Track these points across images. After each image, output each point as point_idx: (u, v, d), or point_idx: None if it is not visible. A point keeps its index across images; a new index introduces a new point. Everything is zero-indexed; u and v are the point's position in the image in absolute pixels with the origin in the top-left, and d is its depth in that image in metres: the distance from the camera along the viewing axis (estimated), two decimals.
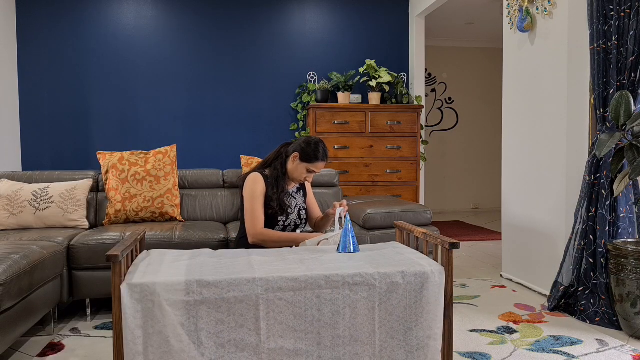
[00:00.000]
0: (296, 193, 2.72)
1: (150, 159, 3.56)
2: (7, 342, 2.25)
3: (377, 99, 5.57)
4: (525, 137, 3.73)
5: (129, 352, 1.59)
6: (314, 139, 2.62)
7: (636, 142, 2.80)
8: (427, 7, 5.46)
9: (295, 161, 2.61)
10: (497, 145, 8.25)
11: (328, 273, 1.70)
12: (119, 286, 1.59)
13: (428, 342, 1.75)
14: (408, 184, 5.50)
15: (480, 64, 8.24)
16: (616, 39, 2.95)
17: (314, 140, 2.61)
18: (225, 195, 3.88)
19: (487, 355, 2.48)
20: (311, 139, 2.62)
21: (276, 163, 2.67)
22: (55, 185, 3.43)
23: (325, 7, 5.89)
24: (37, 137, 5.41)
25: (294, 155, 2.62)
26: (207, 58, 5.68)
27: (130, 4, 5.54)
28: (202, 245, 3.04)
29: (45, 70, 5.40)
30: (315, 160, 2.58)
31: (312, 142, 2.60)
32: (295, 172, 2.62)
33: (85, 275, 3.01)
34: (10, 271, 2.26)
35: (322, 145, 2.61)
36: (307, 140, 2.61)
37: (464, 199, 8.36)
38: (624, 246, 2.75)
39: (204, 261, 1.88)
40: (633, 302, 2.69)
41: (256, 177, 2.59)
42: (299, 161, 2.60)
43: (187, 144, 5.67)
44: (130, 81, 5.55)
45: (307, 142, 2.61)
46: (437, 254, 1.87)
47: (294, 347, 1.68)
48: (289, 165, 2.64)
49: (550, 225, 3.45)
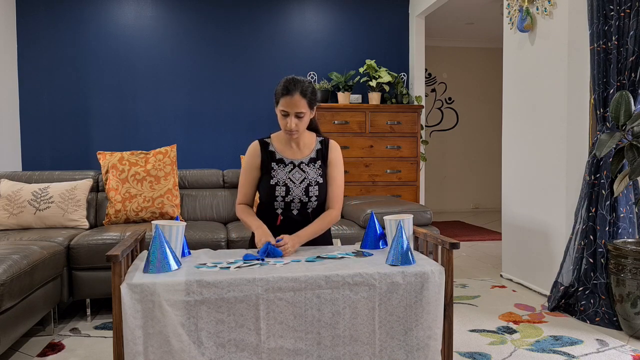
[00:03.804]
0: (309, 164, 2.26)
1: (150, 159, 3.56)
2: (7, 342, 2.25)
3: (377, 99, 5.57)
4: (525, 137, 3.73)
5: (129, 352, 1.59)
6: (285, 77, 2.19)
7: (636, 142, 2.80)
8: (427, 7, 5.46)
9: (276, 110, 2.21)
10: (497, 145, 8.25)
11: (328, 273, 1.70)
12: (119, 286, 1.59)
13: (428, 342, 1.75)
14: (408, 184, 5.50)
15: (480, 64, 8.24)
16: (616, 39, 2.95)
17: (284, 78, 2.17)
18: (225, 195, 3.88)
19: (487, 355, 2.48)
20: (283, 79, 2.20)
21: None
22: (55, 185, 3.43)
23: (325, 7, 5.89)
24: (37, 137, 5.41)
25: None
26: (207, 58, 5.68)
27: (130, 4, 5.54)
28: (202, 245, 3.04)
29: (45, 70, 5.40)
30: (281, 96, 2.14)
31: (282, 80, 2.17)
32: (280, 123, 2.19)
33: (85, 275, 3.01)
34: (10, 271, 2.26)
35: (289, 78, 2.15)
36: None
37: (464, 199, 8.36)
38: (624, 246, 2.75)
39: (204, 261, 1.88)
40: (633, 302, 2.69)
41: (252, 147, 2.29)
42: (276, 109, 2.19)
43: (187, 144, 5.67)
44: (130, 81, 5.55)
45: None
46: (437, 254, 1.87)
47: (294, 346, 1.68)
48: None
49: (550, 225, 3.45)
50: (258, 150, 2.27)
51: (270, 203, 2.25)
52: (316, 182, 2.25)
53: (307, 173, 2.25)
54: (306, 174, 2.24)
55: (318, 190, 2.24)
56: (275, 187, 2.22)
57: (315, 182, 2.24)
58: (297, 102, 2.12)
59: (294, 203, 2.23)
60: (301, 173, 2.24)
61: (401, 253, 1.81)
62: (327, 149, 2.31)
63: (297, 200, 2.23)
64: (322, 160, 2.29)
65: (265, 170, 2.25)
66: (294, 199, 2.23)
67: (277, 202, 2.23)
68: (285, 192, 2.22)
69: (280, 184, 2.22)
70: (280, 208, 2.24)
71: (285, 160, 2.25)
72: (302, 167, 2.25)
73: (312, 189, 2.23)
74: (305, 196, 2.23)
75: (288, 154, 2.27)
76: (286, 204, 2.23)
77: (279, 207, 2.24)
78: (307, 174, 2.24)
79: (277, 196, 2.22)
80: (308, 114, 2.19)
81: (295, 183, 2.23)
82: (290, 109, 2.12)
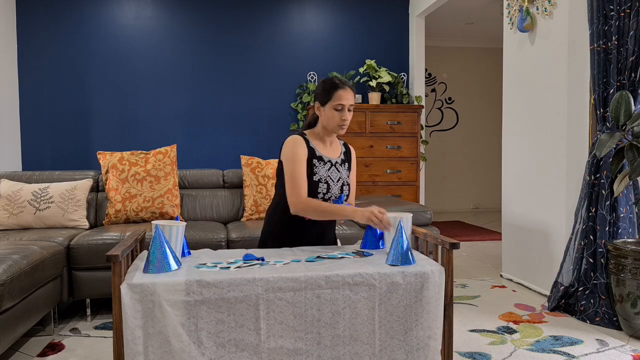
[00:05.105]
0: (341, 165, 2.32)
1: (150, 159, 3.56)
2: (7, 342, 2.25)
3: (377, 99, 5.57)
4: (525, 137, 3.73)
5: (129, 352, 1.59)
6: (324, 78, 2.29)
7: (636, 142, 2.80)
8: (427, 7, 5.46)
9: (320, 110, 2.25)
10: (497, 145, 8.25)
11: (328, 273, 1.70)
12: (119, 286, 1.59)
13: (428, 342, 1.75)
14: (408, 184, 5.50)
15: (480, 64, 8.24)
16: (616, 39, 2.95)
17: (324, 79, 2.27)
18: (225, 195, 3.88)
19: (487, 355, 2.48)
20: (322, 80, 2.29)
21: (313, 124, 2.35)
22: (55, 185, 3.43)
23: (325, 7, 5.89)
24: (37, 137, 5.41)
25: (316, 107, 2.28)
26: (207, 58, 5.68)
27: (130, 4, 5.54)
28: (202, 245, 3.04)
29: (45, 70, 5.40)
30: (334, 91, 2.20)
31: (323, 80, 2.26)
32: (329, 120, 2.23)
33: (85, 275, 3.01)
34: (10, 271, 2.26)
35: (335, 77, 2.27)
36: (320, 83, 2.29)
37: (464, 199, 8.36)
38: (624, 246, 2.75)
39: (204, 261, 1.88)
40: (633, 302, 2.69)
41: (296, 139, 2.23)
42: (323, 107, 2.24)
43: (187, 144, 5.67)
44: (130, 81, 5.55)
45: (320, 84, 2.28)
46: (437, 254, 1.87)
47: (294, 346, 1.68)
48: (322, 120, 2.26)
49: (550, 225, 3.45)
50: (304, 143, 2.24)
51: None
52: (347, 182, 2.33)
53: (341, 172, 2.31)
54: (340, 173, 2.31)
55: (348, 190, 2.33)
56: (318, 184, 2.22)
57: (347, 182, 2.33)
58: (351, 96, 2.23)
59: (329, 201, 2.26)
60: (337, 172, 2.29)
61: (401, 253, 1.81)
62: (350, 155, 2.42)
63: (333, 198, 2.27)
64: (349, 163, 2.38)
65: (308, 167, 2.22)
66: (332, 196, 2.26)
67: (317, 198, 2.22)
68: (326, 190, 2.24)
69: (323, 181, 2.23)
70: None
71: (324, 158, 2.27)
72: (337, 166, 2.31)
73: (345, 188, 2.31)
74: (340, 193, 2.30)
75: (325, 152, 2.30)
76: (324, 200, 2.24)
77: None
78: (341, 173, 2.31)
79: (318, 193, 2.22)
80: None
81: (334, 181, 2.27)
82: (347, 101, 2.20)
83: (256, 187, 3.69)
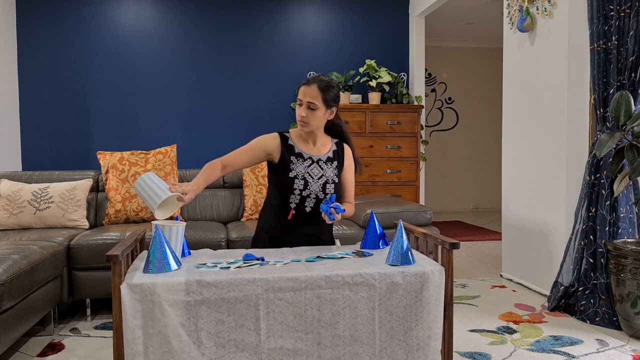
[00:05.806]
0: (326, 163, 2.29)
1: (150, 159, 3.56)
2: (7, 342, 2.26)
3: (377, 99, 5.57)
4: (525, 137, 3.73)
5: (129, 352, 1.59)
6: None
7: (636, 142, 2.80)
8: (427, 7, 5.46)
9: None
10: (497, 145, 8.25)
11: (328, 273, 1.70)
12: (119, 286, 1.59)
13: (428, 342, 1.75)
14: (408, 184, 5.50)
15: (480, 64, 8.24)
16: (616, 39, 2.95)
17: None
18: (225, 195, 3.88)
19: (487, 355, 2.48)
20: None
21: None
22: (55, 185, 3.43)
23: (325, 7, 5.89)
24: (37, 137, 5.41)
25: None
26: (207, 58, 5.68)
27: (130, 4, 5.54)
28: (202, 245, 3.04)
29: (45, 70, 5.40)
30: (299, 87, 2.25)
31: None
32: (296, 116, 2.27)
33: (85, 275, 3.01)
34: (10, 271, 2.26)
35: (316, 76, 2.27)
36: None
37: (464, 199, 8.36)
38: (624, 246, 2.75)
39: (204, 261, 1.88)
40: (633, 302, 2.69)
41: (269, 134, 2.31)
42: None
43: (187, 144, 5.67)
44: (130, 81, 5.55)
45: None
46: (437, 254, 1.87)
47: (294, 347, 1.68)
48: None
49: (550, 225, 3.45)
50: (277, 141, 2.27)
51: (285, 196, 2.24)
52: (332, 180, 2.28)
53: (324, 170, 2.28)
54: (324, 171, 2.28)
55: (334, 188, 2.28)
56: (294, 180, 2.22)
57: (332, 180, 2.28)
58: (311, 92, 2.18)
59: (309, 198, 2.25)
60: (319, 170, 2.27)
61: (401, 253, 1.81)
62: (343, 153, 2.37)
63: (313, 195, 2.24)
64: (339, 162, 2.33)
65: (283, 164, 2.24)
66: (311, 194, 2.24)
67: (293, 195, 2.23)
68: (303, 186, 2.22)
69: (299, 178, 2.23)
70: (294, 202, 2.24)
71: (304, 155, 2.27)
72: (320, 164, 2.28)
73: (328, 187, 2.26)
74: (322, 192, 2.25)
75: (306, 150, 2.29)
76: (302, 198, 2.24)
77: (293, 201, 2.24)
78: (324, 171, 2.28)
79: (295, 189, 2.22)
80: (322, 110, 2.22)
81: (314, 178, 2.25)
82: (303, 97, 2.19)
83: (256, 187, 3.69)
